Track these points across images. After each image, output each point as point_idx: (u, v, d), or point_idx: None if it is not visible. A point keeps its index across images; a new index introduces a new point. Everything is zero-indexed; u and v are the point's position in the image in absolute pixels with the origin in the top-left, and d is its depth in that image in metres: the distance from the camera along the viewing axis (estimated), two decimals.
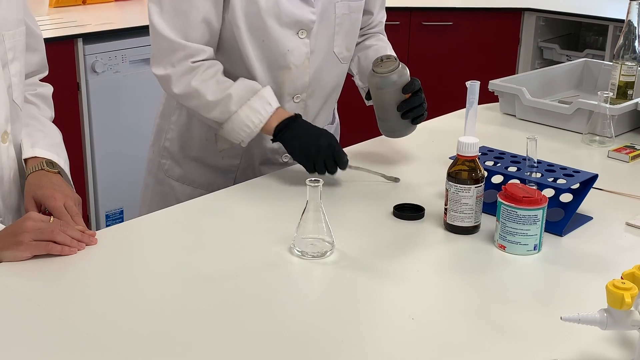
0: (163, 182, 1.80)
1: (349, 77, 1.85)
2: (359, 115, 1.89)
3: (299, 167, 1.72)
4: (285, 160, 1.76)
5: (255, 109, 1.56)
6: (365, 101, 1.79)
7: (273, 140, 1.59)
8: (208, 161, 1.75)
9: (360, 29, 1.83)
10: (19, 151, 1.47)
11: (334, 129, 1.90)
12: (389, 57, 1.64)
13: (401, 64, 1.62)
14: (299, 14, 1.61)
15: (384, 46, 1.83)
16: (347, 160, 1.58)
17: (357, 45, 1.83)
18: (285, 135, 1.57)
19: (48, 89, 1.62)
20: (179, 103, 1.74)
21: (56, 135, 1.56)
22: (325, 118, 1.82)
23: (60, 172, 1.48)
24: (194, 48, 1.56)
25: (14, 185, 1.45)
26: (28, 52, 1.49)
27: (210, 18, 1.57)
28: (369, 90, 1.71)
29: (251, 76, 1.63)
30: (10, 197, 1.45)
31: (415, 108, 1.64)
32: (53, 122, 1.60)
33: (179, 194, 1.77)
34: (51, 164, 1.46)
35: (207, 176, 1.76)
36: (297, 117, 1.59)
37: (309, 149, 1.55)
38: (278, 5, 1.59)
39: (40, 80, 1.60)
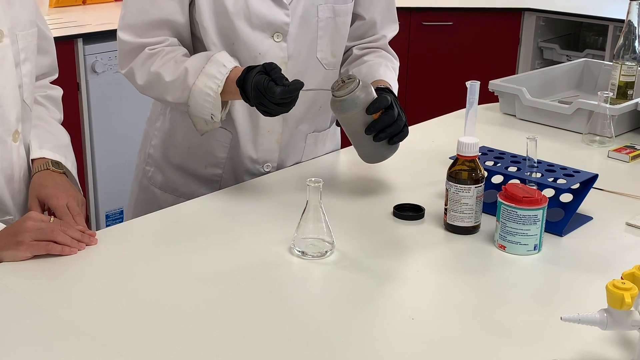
0: (147, 190, 1.75)
1: None
2: None
3: (297, 167, 1.73)
4: (267, 170, 1.69)
5: (210, 74, 1.48)
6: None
7: (246, 100, 1.45)
8: (191, 170, 1.69)
9: (360, 39, 1.75)
10: (28, 151, 1.48)
11: (329, 136, 1.81)
12: (350, 77, 1.46)
13: (362, 82, 1.45)
14: (271, 15, 1.54)
15: (379, 62, 1.70)
16: (286, 87, 1.38)
17: (355, 59, 1.74)
18: (246, 93, 1.43)
19: (58, 91, 1.62)
20: (163, 108, 1.71)
21: (64, 137, 1.56)
22: (309, 126, 1.72)
23: (67, 172, 1.48)
24: (151, 41, 1.53)
25: (23, 184, 1.46)
26: (39, 54, 1.49)
27: (174, 17, 1.53)
28: None
29: None
30: (20, 195, 1.46)
31: (388, 127, 1.47)
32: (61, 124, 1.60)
33: (162, 202, 1.70)
34: (57, 164, 1.47)
35: (189, 185, 1.70)
36: (248, 69, 1.44)
37: (257, 99, 1.41)
38: (248, 7, 1.52)
39: (50, 82, 1.61)
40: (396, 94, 1.63)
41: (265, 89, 1.38)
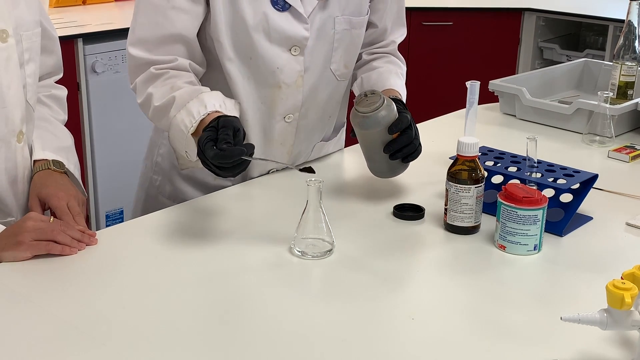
0: (154, 199, 1.73)
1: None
2: None
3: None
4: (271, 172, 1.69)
5: (190, 112, 1.39)
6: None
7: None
8: (200, 180, 1.67)
9: (370, 45, 1.74)
10: (31, 152, 1.47)
11: (333, 143, 1.80)
12: (373, 92, 1.47)
13: (386, 101, 1.45)
14: (291, 30, 1.51)
15: (389, 69, 1.70)
16: (220, 151, 1.28)
17: (364, 64, 1.73)
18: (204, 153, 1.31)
19: (62, 91, 1.62)
20: None
21: (67, 139, 1.56)
22: (318, 136, 1.73)
23: (68, 172, 1.48)
24: (161, 59, 1.47)
25: (27, 185, 1.46)
26: (44, 54, 1.49)
27: (186, 32, 1.47)
28: None
29: (236, 95, 1.52)
30: (24, 196, 1.45)
31: (406, 147, 1.48)
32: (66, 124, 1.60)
33: None
34: (58, 163, 1.46)
35: (199, 195, 1.65)
36: (218, 120, 1.34)
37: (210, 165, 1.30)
38: (267, 21, 1.48)
39: (55, 82, 1.60)
40: (405, 101, 1.63)
41: (202, 149, 1.29)
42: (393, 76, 1.69)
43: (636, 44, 2.05)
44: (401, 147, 1.48)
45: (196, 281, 1.23)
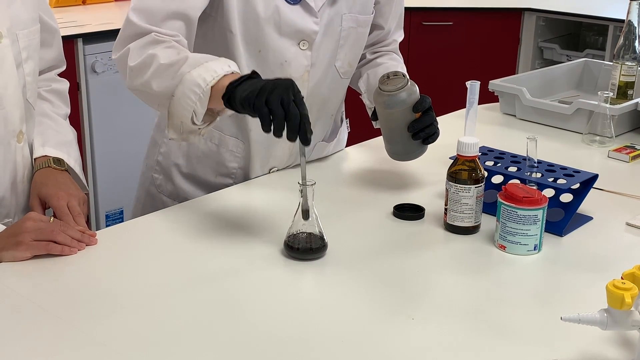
0: (155, 198, 1.73)
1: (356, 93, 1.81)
2: (365, 114, 1.86)
3: (296, 168, 1.72)
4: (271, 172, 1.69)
5: (210, 68, 1.33)
6: (373, 123, 1.67)
7: (224, 101, 1.29)
8: (201, 179, 1.67)
9: (373, 45, 1.77)
10: (31, 150, 1.47)
11: (332, 145, 1.81)
12: (396, 73, 1.53)
13: (410, 81, 1.51)
14: (301, 23, 1.52)
15: (395, 65, 1.75)
16: (308, 119, 1.24)
17: (367, 62, 1.77)
18: (237, 89, 1.27)
19: (64, 84, 1.60)
20: None
21: (68, 133, 1.55)
22: (320, 133, 1.74)
23: (69, 169, 1.48)
24: (164, 32, 1.41)
25: (27, 185, 1.45)
26: (43, 47, 1.47)
27: (192, 13, 1.44)
28: (375, 110, 1.61)
29: None
30: (24, 196, 1.45)
31: (427, 127, 1.54)
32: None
33: None
34: (58, 161, 1.46)
35: (200, 195, 1.65)
36: (254, 73, 1.31)
37: (263, 87, 1.23)
38: (279, 14, 1.50)
39: (57, 75, 1.59)
40: None
41: (287, 85, 1.23)
42: (400, 70, 1.71)
43: (636, 44, 2.05)
44: (424, 127, 1.53)
45: (196, 281, 1.23)
